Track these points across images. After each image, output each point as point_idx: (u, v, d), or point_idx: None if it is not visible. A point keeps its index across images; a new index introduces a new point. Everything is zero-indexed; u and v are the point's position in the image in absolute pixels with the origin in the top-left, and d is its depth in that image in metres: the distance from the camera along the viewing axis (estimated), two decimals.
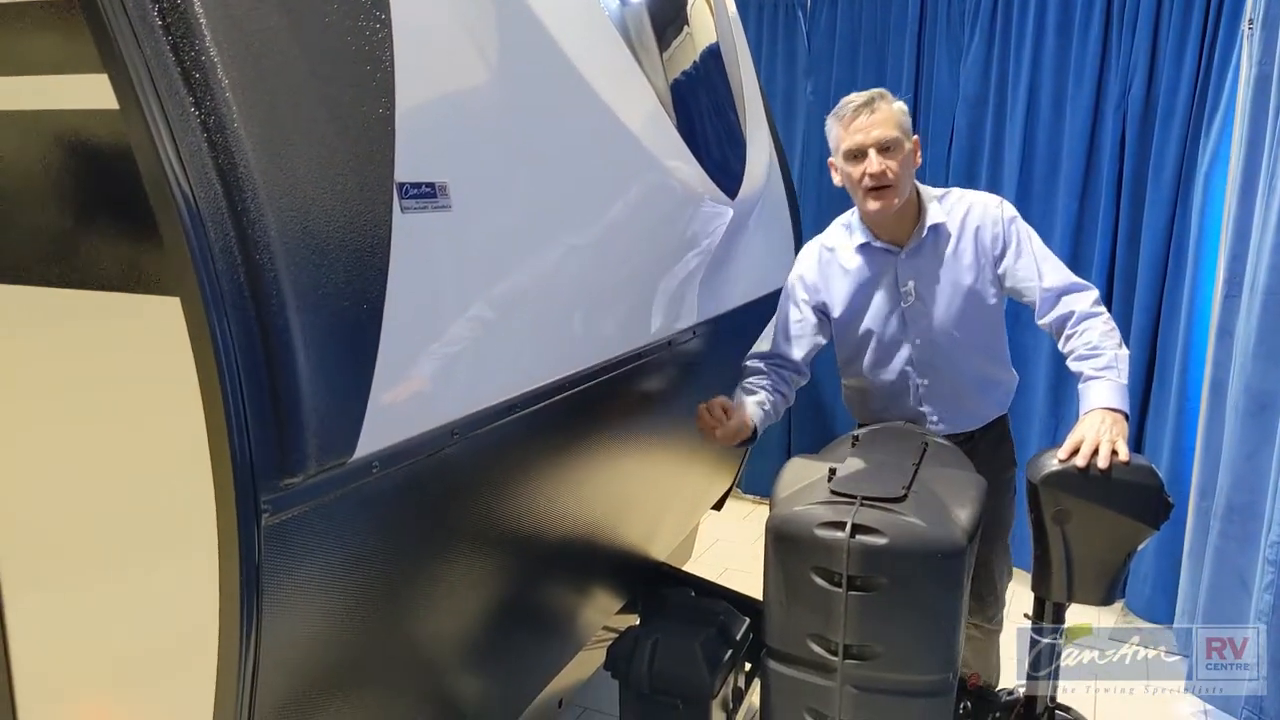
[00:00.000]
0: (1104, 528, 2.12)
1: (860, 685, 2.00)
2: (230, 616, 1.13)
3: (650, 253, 2.11)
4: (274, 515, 1.14)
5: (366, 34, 1.32)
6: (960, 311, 2.45)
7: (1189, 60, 3.77)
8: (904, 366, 2.56)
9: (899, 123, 2.35)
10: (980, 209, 2.45)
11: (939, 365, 2.52)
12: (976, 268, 2.44)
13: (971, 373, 2.53)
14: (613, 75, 1.95)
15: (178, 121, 1.07)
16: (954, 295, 2.45)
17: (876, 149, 2.33)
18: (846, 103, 2.39)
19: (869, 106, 2.34)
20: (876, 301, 2.52)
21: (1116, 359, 2.26)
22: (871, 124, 2.33)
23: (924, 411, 2.59)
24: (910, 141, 2.38)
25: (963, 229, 2.44)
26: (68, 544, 1.31)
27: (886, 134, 2.32)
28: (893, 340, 2.53)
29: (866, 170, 2.34)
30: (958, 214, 2.45)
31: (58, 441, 1.28)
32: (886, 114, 2.33)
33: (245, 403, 1.09)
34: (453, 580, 1.69)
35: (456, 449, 1.48)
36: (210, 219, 1.08)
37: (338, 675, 1.43)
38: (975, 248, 2.43)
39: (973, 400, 2.57)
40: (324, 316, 1.17)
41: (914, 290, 2.47)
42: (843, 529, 1.95)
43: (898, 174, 2.34)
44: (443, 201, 1.41)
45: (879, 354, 2.56)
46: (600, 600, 2.56)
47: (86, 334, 1.23)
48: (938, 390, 2.55)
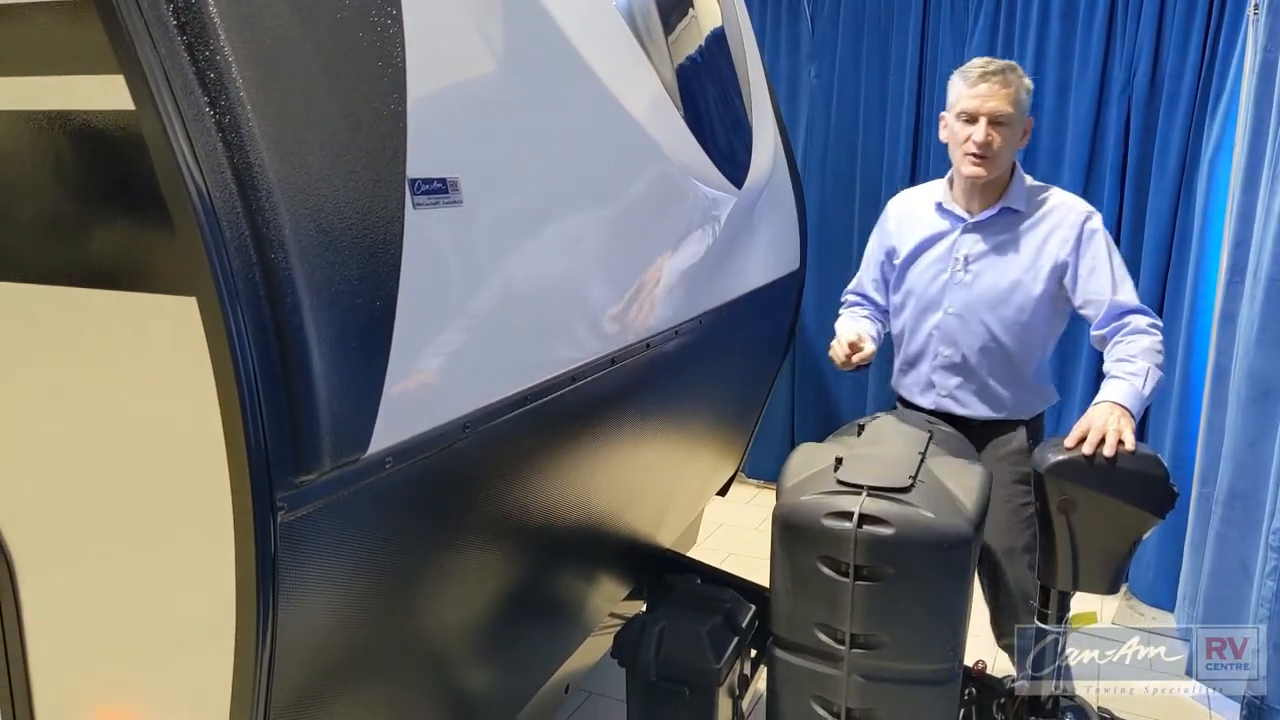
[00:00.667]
0: (1109, 516, 2.14)
1: (867, 674, 2.02)
2: (247, 612, 1.14)
3: (657, 243, 2.11)
4: (289, 512, 1.14)
5: (378, 30, 1.32)
6: (1000, 297, 2.48)
7: (1194, 46, 3.76)
8: (931, 330, 2.60)
9: (1018, 100, 2.39)
10: (1063, 211, 2.46)
11: (960, 341, 2.54)
12: (1033, 263, 2.45)
13: (990, 361, 2.54)
14: (620, 66, 1.94)
15: (193, 121, 1.07)
16: (999, 279, 2.48)
17: (989, 119, 2.38)
18: (974, 65, 2.44)
19: (996, 76, 2.39)
20: (929, 260, 2.58)
21: (1146, 371, 2.26)
22: (992, 94, 2.38)
23: (934, 381, 2.61)
24: (1024, 121, 2.42)
25: (1037, 222, 2.46)
26: (87, 540, 1.32)
27: (1001, 108, 2.38)
28: (930, 302, 2.58)
29: (973, 137, 2.39)
30: (1040, 207, 2.47)
31: (76, 441, 1.28)
32: (1011, 89, 2.38)
33: (261, 401, 1.10)
34: (464, 571, 1.70)
35: (468, 442, 1.49)
36: (226, 218, 1.08)
37: (351, 665, 1.45)
38: (1040, 244, 2.44)
39: (985, 390, 2.57)
40: (338, 314, 1.18)
41: (964, 261, 2.50)
42: (850, 519, 1.96)
43: (1000, 148, 2.39)
44: (454, 197, 1.41)
45: (915, 312, 2.63)
46: (607, 587, 2.57)
47: (105, 333, 1.23)
48: (954, 365, 2.57)
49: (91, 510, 1.30)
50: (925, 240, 2.59)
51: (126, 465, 1.25)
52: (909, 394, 2.73)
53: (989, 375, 2.55)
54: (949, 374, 2.58)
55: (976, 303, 2.49)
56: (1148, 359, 2.28)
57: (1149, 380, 2.26)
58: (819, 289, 4.89)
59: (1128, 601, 4.03)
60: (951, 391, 2.59)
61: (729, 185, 2.36)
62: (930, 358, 2.61)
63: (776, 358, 3.41)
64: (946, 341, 2.56)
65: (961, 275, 2.51)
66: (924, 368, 2.64)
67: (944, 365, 2.59)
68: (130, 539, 1.28)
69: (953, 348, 2.55)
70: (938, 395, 2.62)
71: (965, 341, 2.53)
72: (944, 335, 2.56)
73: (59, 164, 1.21)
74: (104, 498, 1.28)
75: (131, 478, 1.25)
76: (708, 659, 2.37)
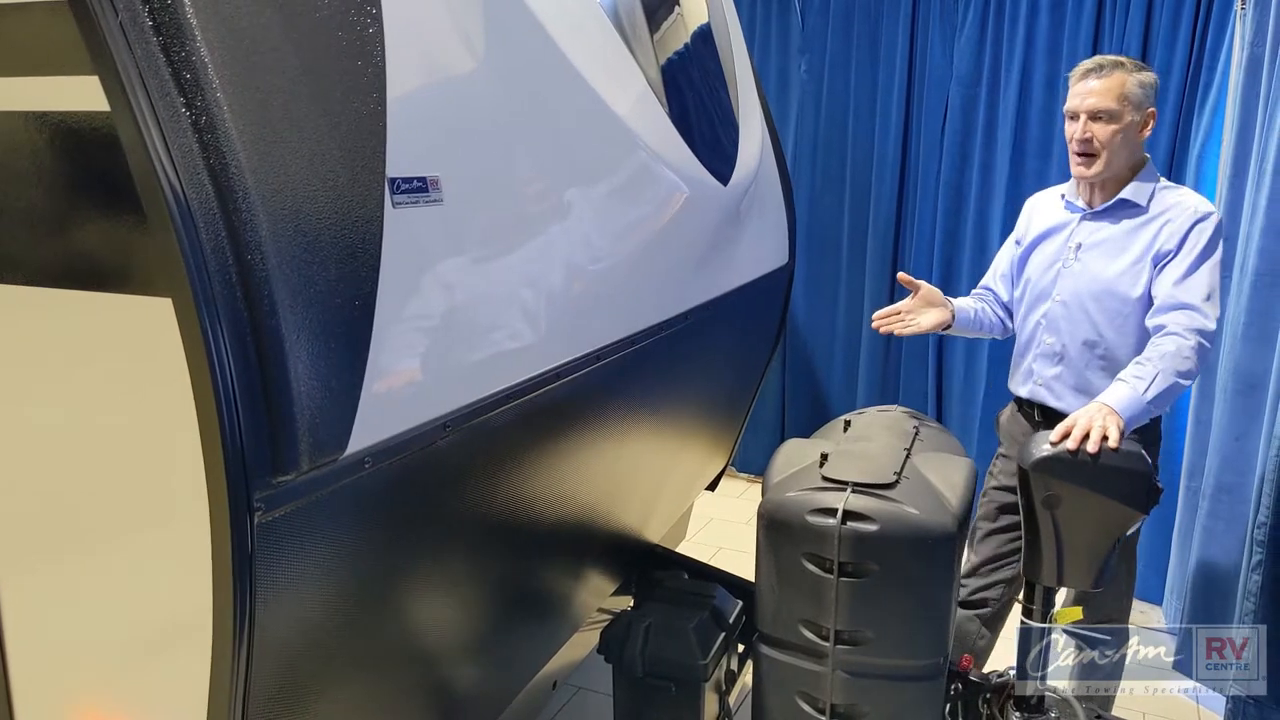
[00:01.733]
0: (1093, 512, 2.14)
1: (851, 670, 2.03)
2: (224, 612, 1.14)
3: (642, 241, 2.11)
4: (266, 513, 1.14)
5: (357, 29, 1.32)
6: (1105, 287, 2.48)
7: (1181, 41, 3.77)
8: (1040, 319, 2.62)
9: (1123, 94, 2.39)
10: (1182, 208, 2.44)
11: (1063, 329, 2.55)
12: (1141, 257, 2.44)
13: (1089, 353, 2.53)
14: (604, 63, 1.94)
15: (169, 123, 1.07)
16: (1106, 269, 2.48)
17: (1089, 115, 2.40)
18: (1081, 64, 2.48)
19: (1097, 72, 2.41)
20: (1047, 250, 2.62)
21: (1156, 376, 2.23)
22: (1091, 90, 2.41)
23: (1033, 369, 2.64)
24: (1138, 114, 2.41)
25: (1154, 218, 2.45)
26: (64, 542, 1.32)
27: (1101, 103, 2.39)
28: (1042, 291, 2.61)
29: (1073, 134, 2.44)
30: (1160, 202, 2.46)
31: (52, 442, 1.28)
32: (1111, 83, 2.39)
33: (238, 403, 1.10)
34: (447, 569, 1.70)
35: (449, 441, 1.49)
36: (202, 219, 1.08)
37: (332, 664, 1.45)
38: (1153, 238, 2.43)
39: (1082, 382, 2.56)
40: (316, 314, 1.17)
41: (1076, 251, 2.52)
42: (834, 515, 1.97)
43: (1104, 143, 2.41)
44: (434, 195, 1.41)
45: (1029, 302, 2.66)
46: (595, 583, 2.58)
47: (80, 334, 1.23)
48: (1055, 354, 2.58)
49: (69, 512, 1.30)
50: (1047, 230, 2.63)
51: (104, 466, 1.25)
52: (1013, 385, 2.75)
53: (1086, 367, 2.54)
54: (1048, 363, 2.59)
55: (1082, 291, 2.51)
56: (1163, 364, 2.24)
57: (1154, 385, 2.22)
58: (809, 282, 4.91)
59: None
60: (1047, 381, 2.59)
61: (715, 182, 2.36)
62: (1034, 345, 2.63)
63: (765, 352, 3.42)
64: (1051, 330, 2.58)
65: (1072, 263, 2.53)
66: (1028, 357, 2.66)
67: (1044, 354, 2.60)
68: (108, 540, 1.28)
69: (1055, 336, 2.57)
70: (1034, 384, 2.63)
71: (1067, 330, 2.54)
72: (1050, 324, 2.59)
73: (34, 164, 1.20)
74: (81, 499, 1.28)
75: (109, 479, 1.25)
76: (694, 655, 2.38)
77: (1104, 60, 2.43)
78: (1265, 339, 2.90)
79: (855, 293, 4.82)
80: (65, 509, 1.30)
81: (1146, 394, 2.22)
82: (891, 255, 4.71)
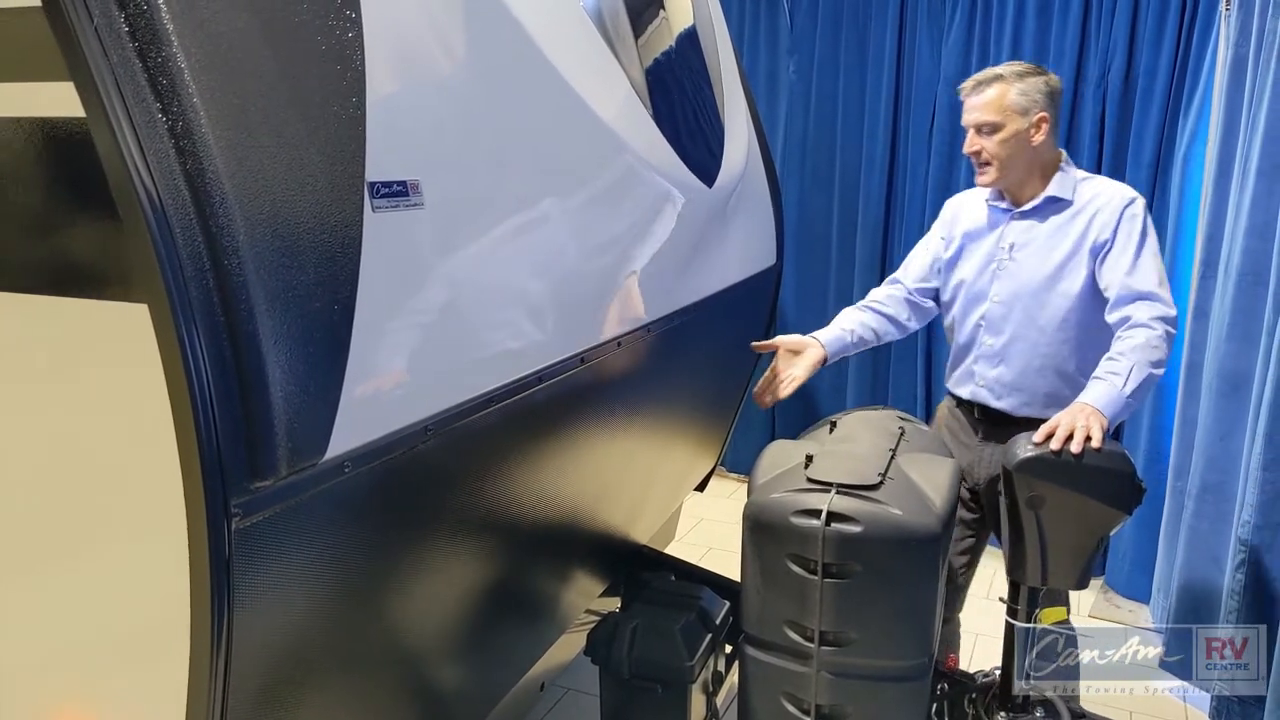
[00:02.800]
0: (1077, 513, 2.15)
1: (836, 671, 2.03)
2: (201, 618, 1.14)
3: (626, 243, 2.11)
4: (244, 519, 1.14)
5: (337, 33, 1.32)
6: (1044, 284, 2.50)
7: (1168, 41, 3.78)
8: (979, 321, 2.62)
9: (1003, 105, 2.44)
10: (1107, 197, 2.48)
11: (1004, 330, 2.56)
12: (1076, 249, 2.47)
13: (1036, 351, 2.54)
14: (587, 67, 1.95)
15: (144, 128, 1.07)
16: (1043, 265, 2.50)
17: (975, 129, 2.47)
18: (967, 80, 2.53)
19: (977, 88, 2.48)
20: (978, 252, 2.62)
21: (1131, 370, 2.25)
22: (974, 105, 2.48)
23: (974, 371, 2.64)
24: (1024, 120, 2.44)
25: (1082, 209, 2.48)
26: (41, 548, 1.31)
27: (983, 117, 2.45)
28: (978, 293, 2.62)
29: (965, 149, 2.51)
30: (1084, 195, 2.50)
31: (29, 448, 1.28)
32: (990, 96, 2.45)
33: (214, 409, 1.10)
34: (430, 572, 1.70)
35: (431, 444, 1.49)
36: (178, 225, 1.08)
37: (313, 668, 1.45)
38: (1083, 230, 2.46)
39: (1023, 380, 2.56)
40: (294, 320, 1.18)
41: (1009, 251, 2.54)
42: (818, 517, 1.97)
43: (993, 154, 2.46)
44: (415, 199, 1.41)
45: (964, 304, 2.66)
46: (582, 585, 2.58)
47: (56, 340, 1.23)
48: (996, 354, 2.58)
49: (45, 518, 1.29)
50: (976, 232, 2.64)
51: (81, 472, 1.25)
52: (953, 386, 2.75)
53: (1026, 367, 2.54)
54: (989, 364, 2.59)
55: (1021, 291, 2.52)
56: (1136, 356, 2.26)
57: (1131, 380, 2.24)
58: (798, 282, 4.92)
59: (1104, 594, 4.06)
60: (989, 382, 2.59)
61: (699, 183, 2.36)
62: (975, 347, 2.63)
63: (753, 354, 3.42)
64: (992, 331, 2.58)
65: (1007, 263, 2.53)
66: (969, 359, 2.66)
67: (986, 355, 2.60)
68: (85, 546, 1.28)
69: (996, 337, 2.57)
70: (975, 386, 2.63)
71: (1009, 330, 2.55)
72: (989, 325, 2.59)
73: (8, 170, 1.20)
74: (58, 504, 1.28)
75: (86, 484, 1.25)
76: (680, 656, 2.39)
77: (984, 75, 2.48)
78: (1249, 338, 2.91)
79: (844, 292, 4.82)
80: (42, 514, 1.30)
81: (1126, 388, 2.23)
82: (880, 255, 4.72)
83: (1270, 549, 2.74)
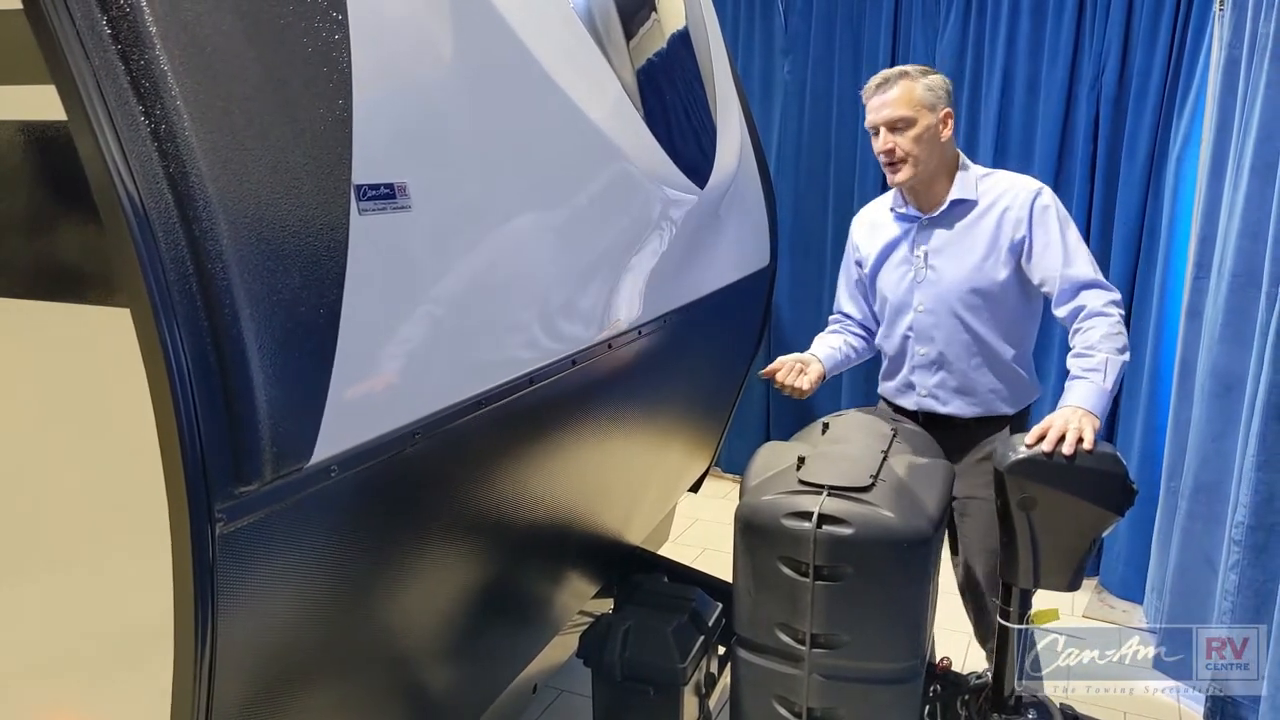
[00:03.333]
0: (1068, 514, 2.14)
1: (827, 674, 2.03)
2: (185, 624, 1.14)
3: (617, 245, 2.10)
4: (229, 523, 1.14)
5: (323, 35, 1.31)
6: (967, 286, 2.49)
7: (1162, 42, 3.78)
8: (906, 332, 2.61)
9: (914, 100, 2.42)
10: (1014, 192, 2.48)
11: (936, 337, 2.55)
12: (992, 248, 2.47)
13: (967, 354, 2.54)
14: (577, 67, 1.94)
15: (127, 132, 1.06)
16: (962, 269, 2.49)
17: (886, 127, 2.43)
18: (870, 80, 2.50)
19: (884, 85, 2.45)
20: (894, 264, 2.61)
21: (1107, 363, 2.27)
22: (883, 103, 2.45)
23: (913, 381, 2.63)
24: (933, 116, 2.43)
25: (990, 207, 2.48)
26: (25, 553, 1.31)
27: (895, 113, 2.42)
28: (901, 304, 2.60)
29: (878, 148, 2.47)
30: (990, 193, 2.50)
31: (11, 453, 1.27)
32: (900, 92, 2.42)
33: (198, 414, 1.09)
34: (419, 575, 1.69)
35: (419, 448, 1.49)
36: (161, 229, 1.07)
37: (300, 672, 1.44)
38: (995, 228, 2.46)
39: (966, 383, 2.57)
40: (279, 324, 1.17)
41: (926, 258, 2.52)
42: (809, 519, 1.97)
43: (907, 150, 2.43)
44: (402, 202, 1.41)
45: (890, 316, 2.65)
46: (576, 586, 2.58)
47: (40, 345, 1.22)
48: (932, 362, 2.58)
49: (29, 522, 1.29)
50: (888, 245, 2.61)
51: (66, 477, 1.24)
52: (891, 397, 2.74)
53: (966, 369, 2.54)
54: (927, 372, 2.59)
55: (945, 295, 2.50)
56: (1106, 347, 2.29)
57: (1109, 373, 2.27)
58: (793, 283, 4.91)
59: (1099, 594, 4.06)
60: (931, 390, 2.59)
61: (691, 185, 2.36)
62: (909, 358, 2.62)
63: (747, 354, 3.42)
64: (922, 340, 2.57)
65: (925, 272, 2.52)
66: (904, 370, 2.65)
67: (922, 364, 2.59)
68: (69, 552, 1.28)
69: (929, 345, 2.56)
70: (918, 396, 2.62)
71: (940, 337, 2.54)
72: (919, 334, 2.57)
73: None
74: (41, 510, 1.27)
75: (69, 490, 1.25)
76: (672, 658, 2.38)
77: (889, 73, 2.47)
78: (1242, 340, 2.91)
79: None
80: (24, 519, 1.29)
81: (1106, 383, 2.26)
82: None
83: (1264, 549, 2.73)
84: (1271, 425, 2.65)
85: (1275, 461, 2.66)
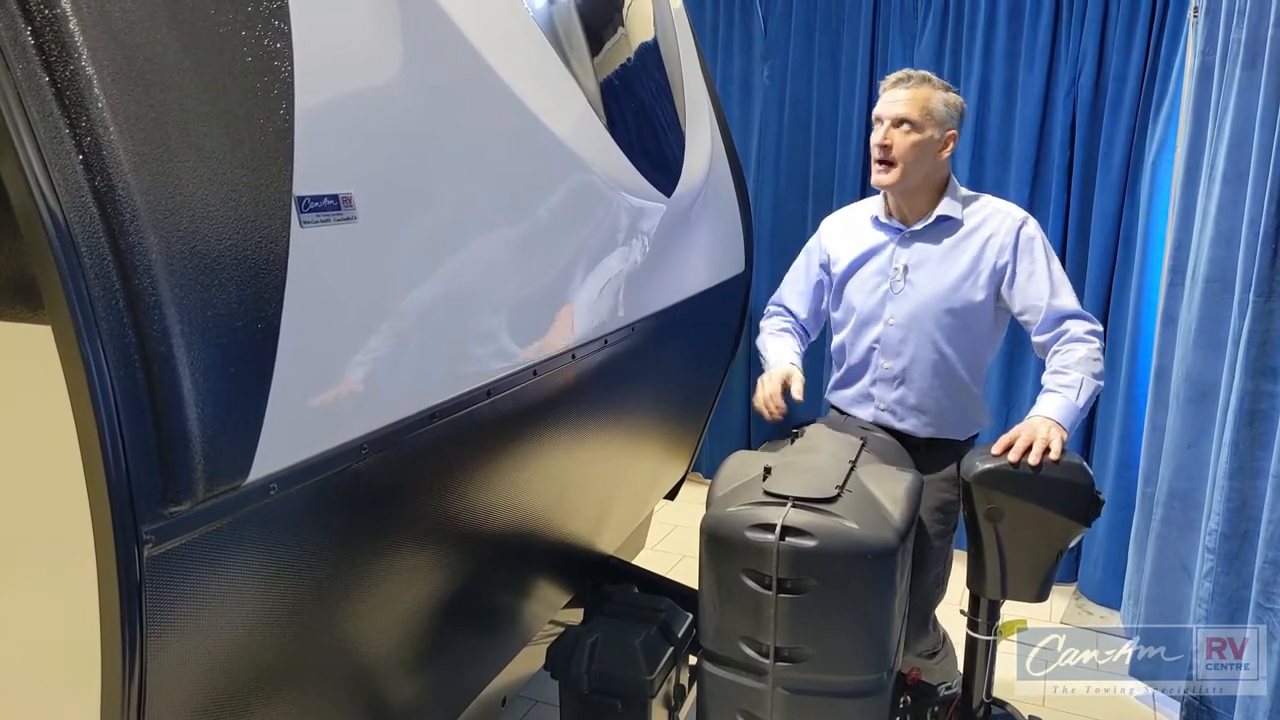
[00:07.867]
0: (1035, 525, 2.13)
1: (792, 687, 2.00)
2: (111, 650, 1.11)
3: (577, 254, 2.08)
4: (158, 545, 1.11)
5: (264, 44, 1.28)
6: (941, 307, 2.46)
7: (1137, 48, 3.78)
8: (872, 344, 2.58)
9: (928, 108, 2.39)
10: (1000, 218, 2.46)
11: (903, 352, 2.53)
12: (972, 270, 2.44)
13: (932, 373, 2.52)
14: (536, 76, 1.92)
15: (49, 144, 1.03)
16: (938, 288, 2.46)
17: (892, 122, 2.40)
18: (893, 74, 2.48)
19: (906, 81, 2.43)
20: (869, 273, 2.57)
21: (1081, 383, 2.26)
22: (898, 99, 2.41)
23: (873, 394, 2.60)
24: (939, 131, 2.41)
25: (974, 230, 2.46)
26: None
27: (906, 111, 2.39)
28: (871, 314, 2.56)
29: (875, 140, 2.43)
30: (976, 215, 2.48)
31: None
32: (918, 94, 2.40)
33: (123, 432, 1.06)
34: (376, 590, 1.66)
35: (368, 462, 1.46)
36: (85, 243, 1.04)
37: (247, 695, 1.41)
38: (978, 252, 2.44)
39: (926, 402, 2.55)
40: (211, 340, 1.14)
41: (903, 272, 2.49)
42: (773, 531, 1.95)
43: (903, 152, 2.39)
44: (347, 213, 1.38)
45: (857, 326, 2.61)
46: (545, 596, 2.55)
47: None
48: (895, 377, 2.55)
49: None
50: (864, 253, 2.57)
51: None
52: (845, 407, 2.70)
53: (929, 388, 2.52)
54: (889, 387, 2.56)
55: (920, 312, 2.48)
56: (1082, 369, 2.28)
57: (1083, 391, 2.25)
58: (772, 287, 4.85)
59: (1076, 600, 4.05)
60: (890, 405, 2.57)
61: (657, 193, 2.34)
62: (871, 370, 2.59)
63: (722, 361, 3.40)
64: (888, 353, 2.54)
65: (901, 285, 2.49)
66: (864, 381, 2.62)
67: (885, 378, 2.56)
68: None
69: (894, 359, 2.53)
70: (876, 408, 2.60)
71: (907, 352, 2.51)
72: (885, 347, 2.54)
73: None
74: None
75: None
76: (640, 671, 2.36)
77: (914, 73, 2.44)
78: (1215, 346, 2.90)
79: None
80: None
81: (1079, 400, 2.24)
82: None
83: (1237, 557, 2.72)
84: (1244, 432, 2.64)
85: (1248, 469, 2.66)
